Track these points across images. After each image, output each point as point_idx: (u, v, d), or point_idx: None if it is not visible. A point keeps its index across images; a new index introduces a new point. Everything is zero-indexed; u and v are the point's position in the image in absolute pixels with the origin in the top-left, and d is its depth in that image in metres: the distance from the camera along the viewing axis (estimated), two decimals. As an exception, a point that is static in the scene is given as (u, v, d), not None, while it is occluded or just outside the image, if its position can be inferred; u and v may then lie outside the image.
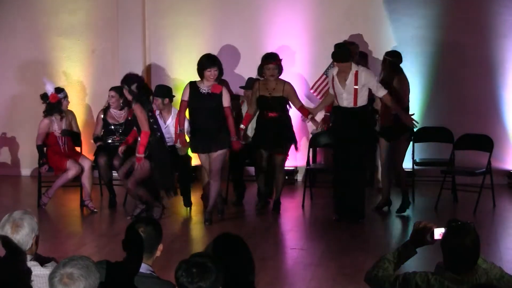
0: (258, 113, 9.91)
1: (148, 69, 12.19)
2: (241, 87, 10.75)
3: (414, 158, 10.65)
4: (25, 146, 11.93)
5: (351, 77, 9.29)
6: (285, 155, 9.92)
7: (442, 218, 9.39)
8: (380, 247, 8.49)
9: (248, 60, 11.79)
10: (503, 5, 11.50)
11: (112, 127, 10.47)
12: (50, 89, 10.12)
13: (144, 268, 4.62)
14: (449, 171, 10.33)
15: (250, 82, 10.45)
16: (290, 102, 9.83)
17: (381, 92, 9.35)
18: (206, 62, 9.33)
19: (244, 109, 10.39)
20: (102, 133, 10.53)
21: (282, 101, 9.72)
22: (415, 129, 9.97)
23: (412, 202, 10.52)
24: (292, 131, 9.92)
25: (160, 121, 9.78)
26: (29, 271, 4.52)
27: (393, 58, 9.83)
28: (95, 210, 10.11)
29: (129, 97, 9.30)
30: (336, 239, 9.04)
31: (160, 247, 4.73)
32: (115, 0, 12.15)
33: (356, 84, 9.28)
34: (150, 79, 12.01)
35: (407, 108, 9.77)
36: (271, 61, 9.71)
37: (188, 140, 9.64)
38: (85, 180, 10.17)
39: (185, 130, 9.56)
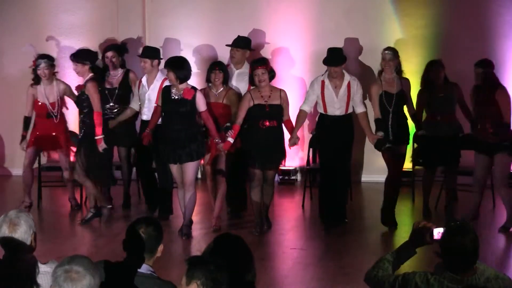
0: (248, 124, 9.24)
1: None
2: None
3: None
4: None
5: (344, 87, 9.17)
6: (277, 170, 9.51)
7: (442, 218, 9.43)
8: (380, 247, 8.51)
9: (248, 60, 11.84)
10: (503, 6, 11.51)
11: (106, 91, 9.95)
12: (31, 50, 10.03)
13: (144, 268, 4.62)
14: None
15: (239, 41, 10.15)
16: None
17: (360, 108, 9.26)
18: (165, 64, 9.08)
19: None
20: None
21: (280, 110, 9.16)
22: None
23: (412, 202, 10.56)
24: (284, 144, 9.38)
25: (145, 86, 9.64)
26: (34, 274, 4.51)
27: (485, 68, 9.41)
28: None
29: (87, 75, 9.26)
30: (336, 239, 9.05)
31: (161, 247, 4.72)
32: (115, 0, 12.16)
33: (349, 92, 9.17)
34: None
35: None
36: (259, 65, 9.12)
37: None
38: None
39: None
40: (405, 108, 9.61)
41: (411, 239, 4.59)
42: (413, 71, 10.67)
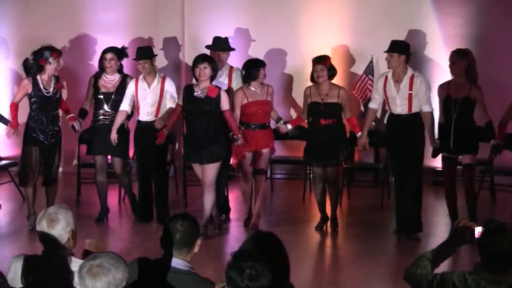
0: (309, 122, 9.24)
1: (187, 67, 12.19)
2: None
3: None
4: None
5: (405, 81, 8.78)
6: (338, 168, 9.32)
7: (480, 218, 9.32)
8: (417, 247, 8.45)
9: (289, 58, 11.92)
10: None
11: (101, 96, 9.57)
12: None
13: (182, 264, 4.62)
14: (488, 170, 10.21)
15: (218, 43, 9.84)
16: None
17: (426, 108, 8.81)
18: (196, 59, 8.87)
19: None
20: (92, 103, 9.75)
21: (336, 108, 9.05)
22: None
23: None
24: (346, 142, 9.35)
25: (144, 86, 9.36)
26: (68, 267, 4.54)
27: None
28: None
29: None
30: (373, 239, 9.02)
31: (198, 242, 4.72)
32: (154, -1, 12.23)
33: (410, 89, 8.77)
34: (188, 78, 11.97)
35: None
36: (318, 61, 9.04)
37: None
38: None
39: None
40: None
41: (451, 238, 4.54)
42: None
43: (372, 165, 11.71)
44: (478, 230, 4.40)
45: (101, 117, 9.57)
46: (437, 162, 10.81)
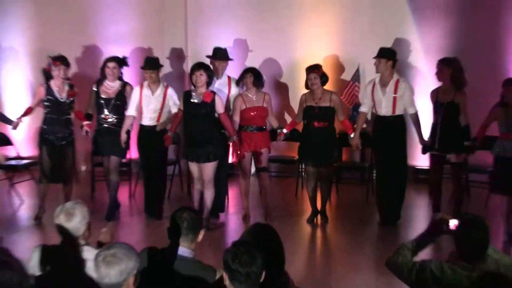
0: (304, 124, 9.30)
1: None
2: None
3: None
4: (81, 145, 11.81)
5: (391, 85, 8.97)
6: (331, 168, 9.42)
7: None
8: (398, 238, 8.49)
9: (284, 66, 11.95)
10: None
11: (102, 101, 9.50)
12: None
13: (186, 252, 4.68)
14: (463, 169, 10.23)
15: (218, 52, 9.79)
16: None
17: (411, 109, 9.02)
18: (193, 67, 8.87)
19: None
20: (95, 108, 9.61)
21: (329, 111, 9.13)
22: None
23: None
24: (336, 144, 9.44)
25: (148, 93, 9.41)
26: (81, 256, 4.61)
27: None
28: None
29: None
30: (360, 230, 9.07)
31: (202, 232, 4.80)
32: (160, 9, 12.22)
33: (395, 92, 8.96)
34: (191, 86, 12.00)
35: None
36: (312, 70, 9.11)
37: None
38: None
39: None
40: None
41: (429, 229, 4.61)
42: (434, 79, 10.28)
43: (359, 164, 11.76)
44: (453, 223, 4.46)
45: (103, 120, 9.53)
46: (419, 161, 10.93)
